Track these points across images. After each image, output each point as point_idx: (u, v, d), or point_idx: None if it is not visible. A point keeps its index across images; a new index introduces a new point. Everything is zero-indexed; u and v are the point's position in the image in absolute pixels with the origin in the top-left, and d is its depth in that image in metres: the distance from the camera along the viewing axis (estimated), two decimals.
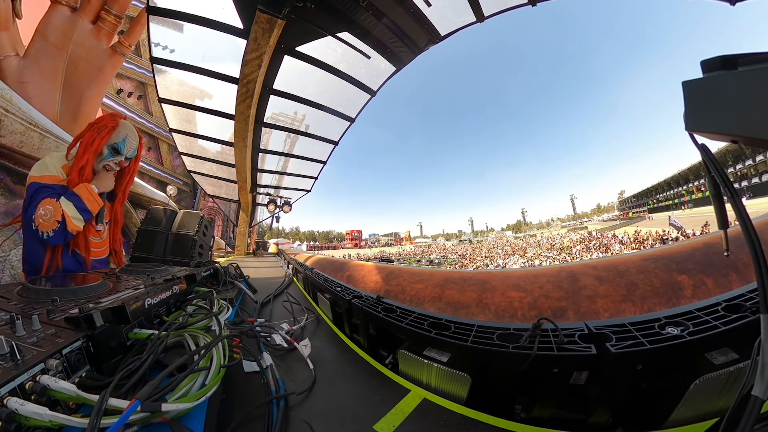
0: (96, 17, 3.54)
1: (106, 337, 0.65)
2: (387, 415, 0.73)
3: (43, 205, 1.26)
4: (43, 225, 1.25)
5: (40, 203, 1.26)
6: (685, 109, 0.41)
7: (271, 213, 8.54)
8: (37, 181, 1.31)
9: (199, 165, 6.77)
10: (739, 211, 0.39)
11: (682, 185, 34.87)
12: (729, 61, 0.36)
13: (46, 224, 1.26)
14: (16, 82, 2.99)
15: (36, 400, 0.45)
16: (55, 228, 1.27)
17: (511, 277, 1.47)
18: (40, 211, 1.25)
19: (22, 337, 0.55)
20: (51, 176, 1.34)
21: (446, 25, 3.51)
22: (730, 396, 0.56)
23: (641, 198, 45.09)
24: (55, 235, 1.28)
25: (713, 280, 1.01)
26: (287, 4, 2.84)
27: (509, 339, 0.76)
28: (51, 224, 1.27)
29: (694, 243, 1.24)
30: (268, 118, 4.97)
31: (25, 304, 0.76)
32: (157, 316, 0.92)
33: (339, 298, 1.36)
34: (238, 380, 0.86)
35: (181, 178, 11.10)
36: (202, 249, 2.03)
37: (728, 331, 0.59)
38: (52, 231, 1.27)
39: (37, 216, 1.24)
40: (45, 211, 1.26)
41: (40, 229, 1.25)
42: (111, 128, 1.46)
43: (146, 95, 9.78)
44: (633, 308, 1.07)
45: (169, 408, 0.49)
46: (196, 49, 3.82)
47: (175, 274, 1.25)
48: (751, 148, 0.41)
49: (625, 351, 0.60)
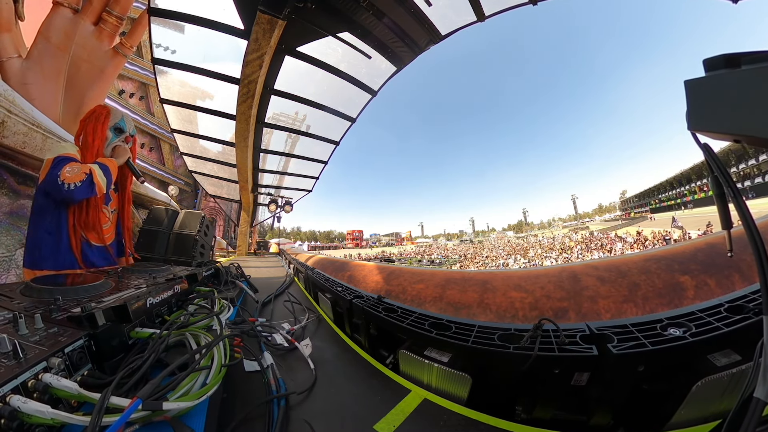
0: (98, 19, 3.56)
1: (108, 335, 0.65)
2: (387, 415, 0.73)
3: (70, 165, 1.30)
4: (70, 178, 1.26)
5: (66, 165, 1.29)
6: (687, 109, 0.41)
7: (273, 213, 8.56)
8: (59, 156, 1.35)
9: (201, 165, 6.80)
10: (742, 212, 0.39)
11: (684, 185, 34.69)
12: (732, 59, 0.35)
13: (73, 177, 1.27)
14: (19, 83, 3.01)
15: (38, 398, 0.46)
16: (82, 179, 1.29)
17: (513, 278, 1.47)
18: (66, 169, 1.28)
19: (24, 336, 0.56)
20: (70, 154, 1.40)
21: (447, 25, 3.51)
22: (732, 398, 0.56)
23: (643, 198, 44.88)
24: (82, 186, 1.29)
25: (716, 280, 1.01)
26: (288, 4, 2.85)
27: (510, 339, 0.75)
28: (78, 176, 1.29)
29: (697, 243, 1.23)
30: (269, 119, 4.98)
31: (27, 302, 0.77)
32: (158, 315, 0.92)
33: (340, 297, 1.36)
34: (239, 379, 0.86)
35: (183, 178, 11.14)
36: (203, 249, 2.04)
37: (731, 332, 0.59)
38: (79, 182, 1.28)
39: (63, 171, 1.26)
40: (72, 168, 1.29)
41: (66, 182, 1.25)
42: (106, 113, 1.56)
43: (148, 96, 9.82)
44: (635, 309, 1.06)
45: (170, 407, 0.50)
46: (197, 50, 3.83)
47: (177, 273, 1.26)
48: (755, 147, 0.41)
49: (627, 352, 0.60)
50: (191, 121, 5.35)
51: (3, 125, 2.09)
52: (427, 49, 3.81)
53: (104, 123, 1.53)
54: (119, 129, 1.59)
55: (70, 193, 1.27)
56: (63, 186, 1.26)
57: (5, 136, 2.14)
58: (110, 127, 1.55)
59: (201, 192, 11.21)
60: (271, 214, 8.77)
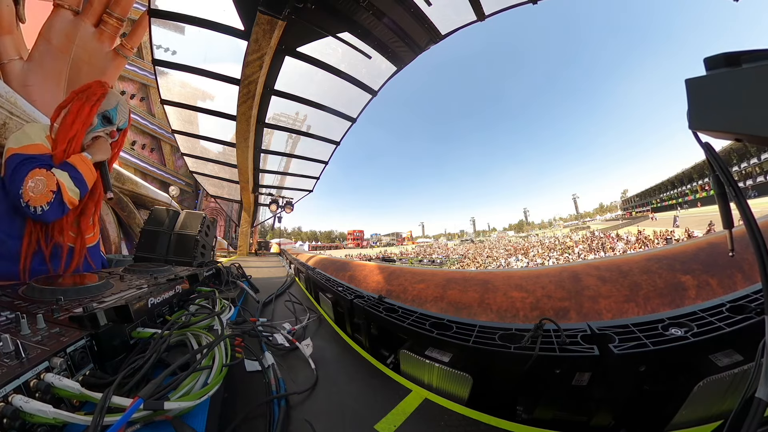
0: (98, 20, 3.57)
1: (109, 335, 0.65)
2: (388, 414, 0.73)
3: (32, 177, 1.05)
4: (35, 198, 1.04)
5: (27, 175, 1.05)
6: (688, 107, 0.41)
7: (273, 213, 8.57)
8: (19, 153, 1.09)
9: (201, 166, 6.81)
10: (744, 211, 0.39)
11: (686, 184, 34.56)
12: (732, 58, 0.35)
13: (38, 197, 1.05)
14: (21, 85, 3.02)
15: (40, 397, 0.46)
16: (49, 200, 1.06)
17: (513, 278, 1.47)
18: (29, 184, 1.04)
19: (26, 336, 0.56)
20: (35, 146, 1.13)
21: (447, 24, 3.51)
22: (734, 398, 0.55)
23: (644, 197, 44.74)
24: (50, 209, 1.07)
25: (717, 280, 1.00)
26: (288, 5, 2.85)
27: (511, 339, 0.75)
28: (44, 196, 1.06)
29: (698, 243, 1.23)
30: (270, 119, 4.99)
31: (29, 303, 0.77)
32: (159, 316, 0.93)
33: (341, 297, 1.36)
34: (240, 379, 0.87)
35: (184, 178, 11.17)
36: (204, 249, 2.04)
37: (733, 332, 0.58)
38: (46, 204, 1.06)
39: (26, 189, 1.04)
40: (35, 183, 1.05)
41: (31, 204, 1.04)
42: (101, 95, 1.28)
43: (149, 97, 9.84)
44: (636, 309, 1.06)
45: (172, 406, 0.50)
46: (198, 51, 3.84)
47: (178, 273, 1.26)
48: (756, 146, 0.41)
49: (628, 352, 0.60)
50: (192, 121, 5.36)
51: (4, 127, 2.10)
52: (428, 49, 3.81)
53: (94, 105, 1.26)
54: (107, 118, 1.29)
55: (42, 215, 1.07)
56: (28, 208, 1.05)
57: (7, 138, 2.16)
58: (98, 112, 1.27)
59: (202, 192, 11.22)
60: (272, 215, 8.79)
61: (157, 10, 3.29)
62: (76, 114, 1.22)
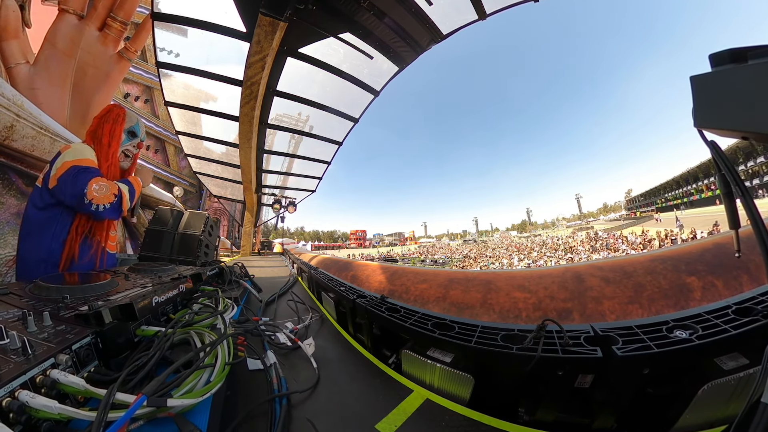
0: (102, 24, 3.62)
1: (114, 333, 0.66)
2: (389, 414, 0.73)
3: (96, 182, 1.30)
4: (99, 198, 1.27)
5: (91, 180, 1.29)
6: (693, 105, 0.40)
7: (276, 213, 8.61)
8: (77, 164, 1.33)
9: (205, 166, 6.87)
10: (751, 211, 0.38)
11: (691, 183, 34.05)
12: (738, 54, 0.35)
13: (102, 197, 1.28)
14: (27, 88, 3.07)
15: (46, 393, 0.46)
16: (111, 201, 1.31)
17: (516, 278, 1.46)
18: (94, 186, 1.28)
19: (33, 333, 0.57)
20: (88, 160, 1.38)
21: (448, 24, 3.49)
22: (739, 403, 0.54)
23: (649, 197, 44.20)
24: (110, 208, 1.31)
25: (723, 281, 0.99)
26: (289, 6, 2.86)
27: (513, 340, 0.75)
28: (107, 197, 1.30)
29: (704, 243, 1.21)
30: (273, 120, 5.01)
31: (36, 301, 0.78)
32: (164, 314, 0.94)
33: (343, 297, 1.36)
34: (243, 378, 0.87)
35: (187, 179, 11.26)
36: (207, 248, 2.05)
37: (739, 335, 0.57)
38: (108, 204, 1.30)
39: (90, 190, 1.27)
40: (99, 186, 1.29)
41: (95, 202, 1.27)
42: (123, 115, 1.58)
43: (153, 99, 9.94)
44: (640, 310, 1.05)
45: (175, 403, 0.50)
46: (201, 53, 3.88)
47: (182, 273, 1.27)
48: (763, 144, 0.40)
49: (632, 354, 0.59)
50: (195, 123, 5.41)
51: (12, 129, 2.14)
52: (429, 49, 3.80)
53: (121, 124, 1.54)
54: (133, 133, 1.60)
55: (97, 213, 1.29)
56: (90, 206, 1.26)
57: (14, 140, 2.19)
58: (125, 129, 1.57)
59: (205, 193, 11.31)
60: (274, 215, 8.83)
61: (160, 14, 3.32)
62: (110, 135, 1.50)
